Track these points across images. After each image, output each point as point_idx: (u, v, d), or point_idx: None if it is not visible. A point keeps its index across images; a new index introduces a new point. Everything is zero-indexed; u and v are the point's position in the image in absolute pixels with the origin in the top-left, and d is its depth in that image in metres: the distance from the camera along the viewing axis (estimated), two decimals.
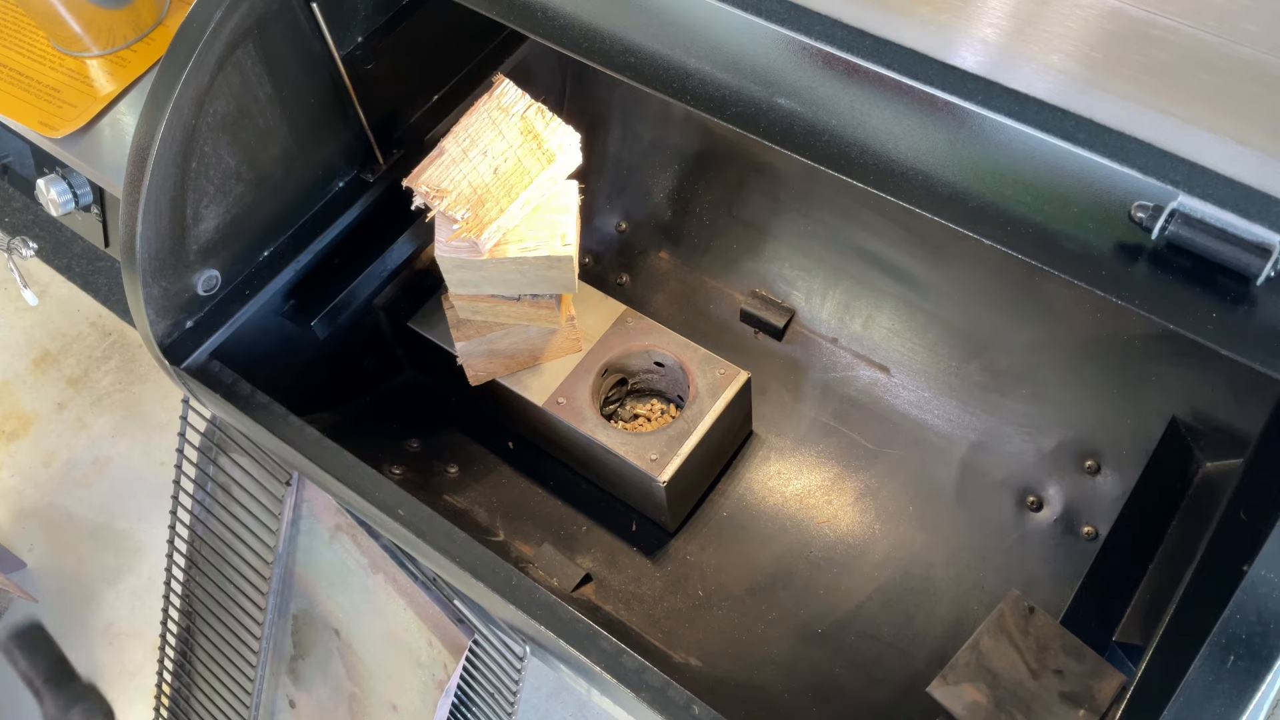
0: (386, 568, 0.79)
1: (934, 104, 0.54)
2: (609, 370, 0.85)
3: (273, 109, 0.74)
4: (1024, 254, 0.51)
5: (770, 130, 0.57)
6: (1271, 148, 0.50)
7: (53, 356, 1.76)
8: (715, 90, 0.58)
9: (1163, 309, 0.49)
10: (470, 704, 0.80)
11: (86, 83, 0.94)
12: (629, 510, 0.87)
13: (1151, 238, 0.49)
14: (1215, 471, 0.75)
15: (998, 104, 0.53)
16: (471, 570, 0.65)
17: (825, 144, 0.56)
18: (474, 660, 0.77)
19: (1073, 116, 0.52)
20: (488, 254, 0.73)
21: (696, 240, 0.98)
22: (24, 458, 1.68)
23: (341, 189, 0.82)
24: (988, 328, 0.86)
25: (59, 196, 0.97)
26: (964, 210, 0.53)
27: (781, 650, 0.80)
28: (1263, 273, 0.48)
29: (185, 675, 1.01)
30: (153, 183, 0.67)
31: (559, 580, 0.81)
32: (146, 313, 0.72)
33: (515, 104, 0.76)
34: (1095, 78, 0.53)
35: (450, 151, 0.76)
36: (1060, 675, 0.67)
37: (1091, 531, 0.81)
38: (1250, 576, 0.47)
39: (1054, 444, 0.84)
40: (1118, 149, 0.50)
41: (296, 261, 0.79)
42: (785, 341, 0.93)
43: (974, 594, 0.80)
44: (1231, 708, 0.46)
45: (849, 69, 0.56)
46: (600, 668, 0.61)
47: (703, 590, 0.83)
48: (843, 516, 0.86)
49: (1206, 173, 0.49)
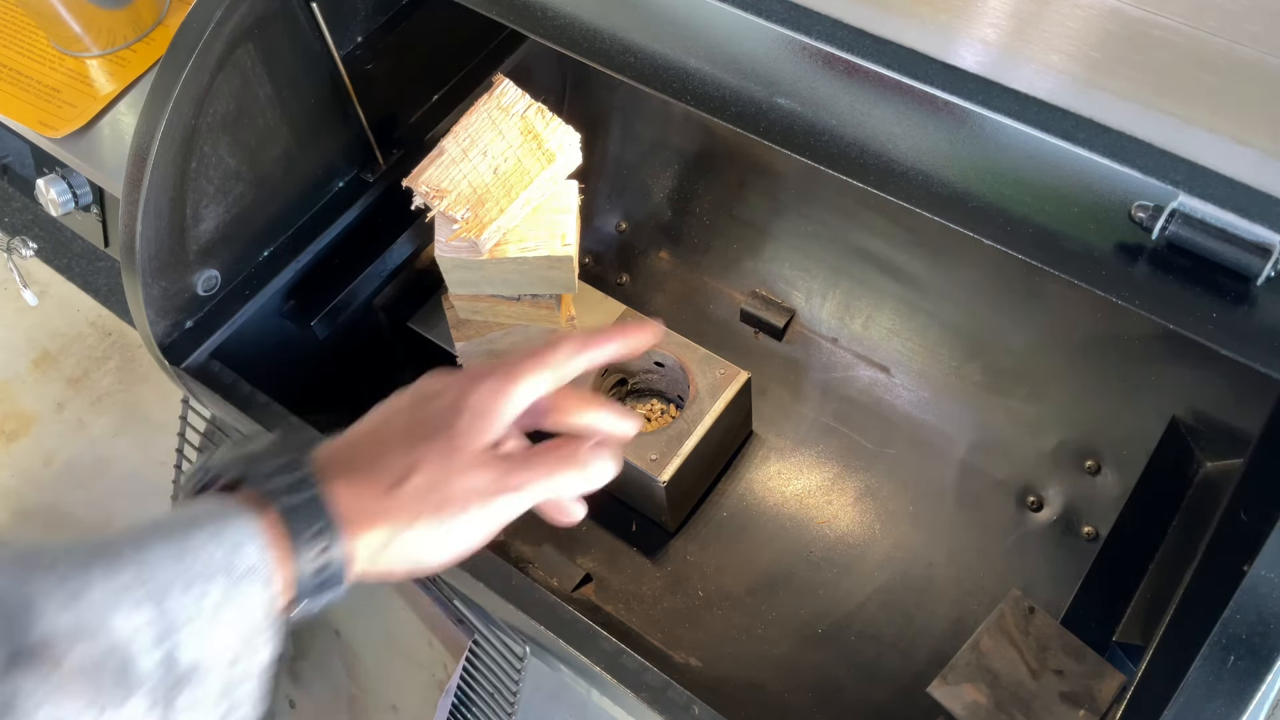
0: None
1: (934, 104, 0.54)
2: (609, 370, 0.85)
3: (273, 109, 0.74)
4: (1024, 254, 0.51)
5: (770, 130, 0.57)
6: (1271, 148, 0.50)
7: (52, 356, 1.76)
8: (715, 90, 0.58)
9: (1163, 309, 0.49)
10: (470, 704, 0.80)
11: (86, 83, 0.94)
12: (629, 510, 0.87)
13: (1151, 238, 0.49)
14: (1215, 471, 0.75)
15: (998, 104, 0.53)
16: (471, 570, 0.65)
17: (825, 144, 0.56)
18: (474, 660, 0.77)
19: (1073, 116, 0.52)
20: (488, 254, 0.73)
21: (696, 240, 0.98)
22: (24, 458, 1.68)
23: (341, 189, 0.82)
24: (988, 328, 0.86)
25: (59, 196, 0.97)
26: (964, 210, 0.53)
27: (781, 650, 0.80)
28: (1263, 273, 0.48)
29: None
30: (153, 183, 0.67)
31: (559, 580, 0.81)
32: (146, 313, 0.72)
33: (515, 104, 0.76)
34: (1095, 78, 0.53)
35: (450, 151, 0.76)
36: (1060, 675, 0.67)
37: (1091, 531, 0.81)
38: (1250, 576, 0.47)
39: (1054, 444, 0.84)
40: (1118, 149, 0.50)
41: (296, 261, 0.79)
42: (785, 341, 0.93)
43: (974, 594, 0.80)
44: (1231, 708, 0.46)
45: (849, 69, 0.56)
46: (600, 668, 0.61)
47: (703, 590, 0.83)
48: (843, 516, 0.86)
49: (1206, 173, 0.49)
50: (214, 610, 0.39)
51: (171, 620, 0.38)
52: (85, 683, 0.36)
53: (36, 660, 0.36)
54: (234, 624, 0.40)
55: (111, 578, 0.38)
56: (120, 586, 0.38)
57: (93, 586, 0.38)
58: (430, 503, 0.45)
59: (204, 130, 0.69)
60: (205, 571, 0.39)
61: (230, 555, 0.40)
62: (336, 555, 0.43)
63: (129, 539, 0.40)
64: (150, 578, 0.39)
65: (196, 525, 0.41)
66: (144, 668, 0.38)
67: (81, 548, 0.39)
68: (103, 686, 0.37)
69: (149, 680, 0.38)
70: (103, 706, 0.37)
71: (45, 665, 0.36)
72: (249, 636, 0.41)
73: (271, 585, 0.41)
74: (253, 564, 0.40)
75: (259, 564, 0.41)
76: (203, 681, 0.39)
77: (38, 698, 0.36)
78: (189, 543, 0.40)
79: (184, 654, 0.39)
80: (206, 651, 0.39)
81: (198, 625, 0.39)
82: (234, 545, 0.40)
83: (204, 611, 0.39)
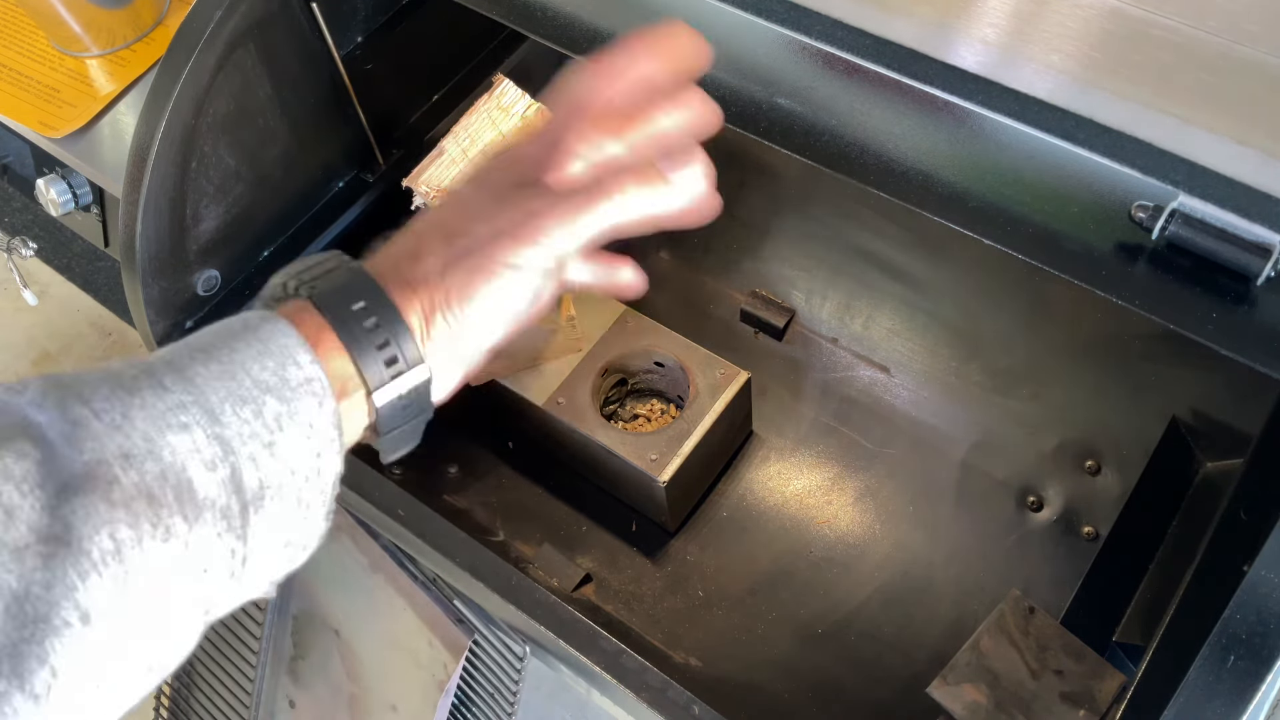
0: (386, 568, 0.79)
1: (934, 104, 0.54)
2: (609, 370, 0.85)
3: (273, 109, 0.74)
4: (1024, 254, 0.51)
5: (770, 130, 0.57)
6: (1271, 148, 0.50)
7: (52, 356, 1.76)
8: (715, 90, 0.58)
9: (1163, 309, 0.49)
10: (470, 704, 0.80)
11: (86, 83, 0.94)
12: (629, 510, 0.87)
13: (1151, 238, 0.49)
14: (1215, 471, 0.75)
15: (998, 104, 0.53)
16: (471, 570, 0.65)
17: (825, 144, 0.56)
18: (474, 660, 0.77)
19: (1073, 116, 0.52)
20: None
21: (696, 240, 0.98)
22: None
23: (341, 189, 0.82)
24: (988, 328, 0.86)
25: (59, 196, 0.97)
26: (964, 210, 0.53)
27: (781, 650, 0.80)
28: (1263, 273, 0.48)
29: (185, 675, 1.01)
30: (153, 183, 0.67)
31: (559, 580, 0.81)
32: (146, 313, 0.72)
33: (515, 104, 0.76)
34: (1095, 78, 0.53)
35: (450, 151, 0.76)
36: (1060, 675, 0.67)
37: (1091, 531, 0.81)
38: (1250, 576, 0.47)
39: (1054, 444, 0.84)
40: (1118, 149, 0.50)
41: None
42: (785, 341, 0.93)
43: (974, 594, 0.80)
44: (1231, 708, 0.46)
45: (849, 69, 0.56)
46: (600, 668, 0.61)
47: (703, 590, 0.83)
48: (843, 516, 0.86)
49: (1206, 173, 0.49)
50: (273, 426, 0.37)
51: (229, 439, 0.36)
52: (145, 504, 0.34)
53: (90, 483, 0.34)
54: (295, 440, 0.37)
55: (161, 397, 0.36)
56: (169, 406, 0.36)
57: (142, 407, 0.35)
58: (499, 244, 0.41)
59: (204, 130, 0.69)
60: (257, 386, 0.37)
61: (280, 368, 0.38)
62: (407, 352, 0.40)
63: (171, 360, 0.38)
64: (200, 398, 0.36)
65: (241, 340, 0.38)
66: (207, 488, 0.36)
67: (125, 371, 0.37)
68: (165, 507, 0.35)
69: (215, 502, 0.36)
70: (169, 528, 0.35)
71: (100, 488, 0.34)
72: (315, 451, 0.38)
73: (329, 395, 0.38)
74: (307, 375, 0.38)
75: (313, 374, 0.38)
76: (276, 501, 0.37)
77: (95, 521, 0.34)
78: (235, 357, 0.37)
79: (247, 475, 0.36)
80: (271, 470, 0.37)
81: (257, 445, 0.37)
82: (283, 357, 0.38)
83: (262, 430, 0.37)
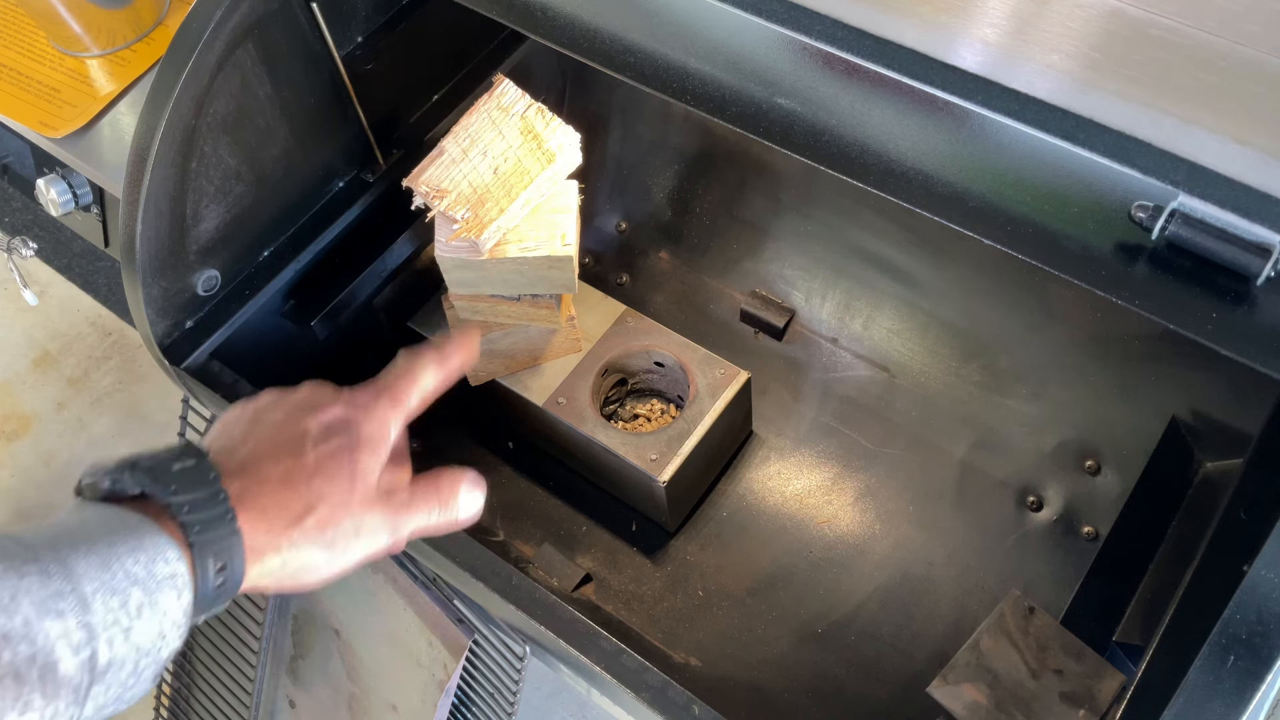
0: (386, 568, 0.79)
1: (934, 104, 0.54)
2: (609, 370, 0.85)
3: (273, 109, 0.74)
4: (1024, 254, 0.51)
5: (770, 130, 0.57)
6: (1271, 148, 0.50)
7: (53, 356, 1.76)
8: (715, 90, 0.58)
9: (1163, 309, 0.49)
10: (470, 704, 0.80)
11: (86, 83, 0.94)
12: (629, 510, 0.87)
13: (1151, 238, 0.49)
14: (1215, 471, 0.75)
15: (998, 104, 0.53)
16: (471, 570, 0.65)
17: (825, 144, 0.56)
18: (474, 660, 0.77)
19: (1073, 116, 0.52)
20: (488, 254, 0.73)
21: (696, 240, 0.98)
22: (24, 458, 1.67)
23: (341, 189, 0.82)
24: (988, 328, 0.86)
25: (59, 196, 0.97)
26: (964, 210, 0.53)
27: (781, 650, 0.80)
28: (1263, 273, 0.48)
29: (185, 675, 1.01)
30: (153, 183, 0.67)
31: (559, 580, 0.81)
32: (146, 313, 0.72)
33: (515, 104, 0.76)
34: (1095, 78, 0.53)
35: (450, 151, 0.76)
36: (1060, 675, 0.67)
37: (1091, 531, 0.81)
38: (1250, 576, 0.47)
39: (1054, 444, 0.84)
40: (1118, 149, 0.50)
41: (296, 261, 0.79)
42: (785, 341, 0.93)
43: (974, 594, 0.80)
44: (1231, 708, 0.46)
45: (849, 69, 0.56)
46: (600, 668, 0.61)
47: (703, 590, 0.83)
48: (843, 516, 0.86)
49: (1206, 173, 0.49)
50: (133, 614, 0.44)
51: (94, 626, 0.42)
52: (13, 681, 0.40)
53: None
54: (149, 625, 0.44)
55: (44, 584, 0.42)
56: (50, 594, 0.42)
57: (27, 592, 0.41)
58: (325, 536, 0.51)
59: (204, 130, 0.69)
60: (126, 580, 0.44)
61: (150, 565, 0.45)
62: (235, 575, 0.48)
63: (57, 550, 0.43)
64: (77, 587, 0.42)
65: (119, 538, 0.45)
66: (68, 670, 0.41)
67: (16, 553, 0.42)
68: (28, 684, 0.40)
69: (72, 680, 0.41)
70: (28, 703, 0.40)
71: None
72: (163, 633, 0.45)
73: (185, 592, 0.46)
74: (171, 572, 0.45)
75: (176, 572, 0.45)
76: (118, 673, 0.44)
77: None
78: (113, 552, 0.44)
79: (102, 655, 0.43)
80: (122, 650, 0.43)
81: (117, 630, 0.43)
82: (152, 558, 0.45)
83: (123, 618, 0.43)
